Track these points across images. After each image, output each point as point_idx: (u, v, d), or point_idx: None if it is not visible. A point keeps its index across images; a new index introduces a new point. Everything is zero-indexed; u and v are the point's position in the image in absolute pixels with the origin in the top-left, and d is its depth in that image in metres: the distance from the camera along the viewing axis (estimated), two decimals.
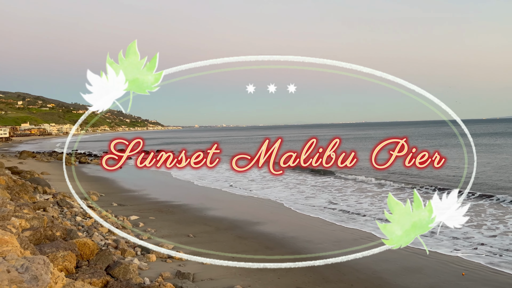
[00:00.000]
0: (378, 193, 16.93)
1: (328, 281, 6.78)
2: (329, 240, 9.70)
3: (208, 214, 12.60)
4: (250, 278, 6.79)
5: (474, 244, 9.25)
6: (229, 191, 18.17)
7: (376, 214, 12.82)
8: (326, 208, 13.91)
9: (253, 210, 13.78)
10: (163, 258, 7.56)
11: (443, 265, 7.84)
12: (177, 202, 14.55)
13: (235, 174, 23.53)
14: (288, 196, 16.51)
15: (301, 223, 11.69)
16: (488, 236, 9.91)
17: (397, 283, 6.87)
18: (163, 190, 17.80)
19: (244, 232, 10.36)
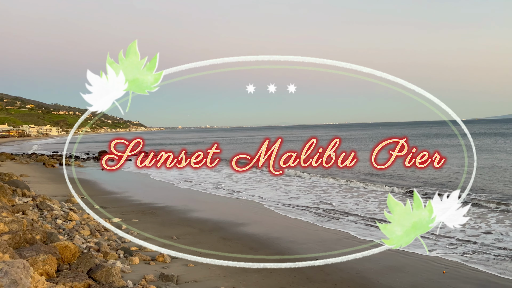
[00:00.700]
0: (364, 193, 17.13)
1: (312, 281, 6.82)
2: (313, 240, 9.77)
3: (191, 215, 12.53)
4: (234, 279, 6.78)
5: (454, 243, 9.45)
6: (213, 192, 18.11)
7: (361, 214, 12.97)
8: (310, 208, 14.00)
9: (238, 211, 13.77)
10: (146, 260, 7.48)
11: (425, 263, 7.98)
12: (160, 204, 14.42)
13: (220, 175, 23.47)
14: (272, 197, 16.55)
15: (285, 224, 11.73)
16: (470, 235, 10.13)
17: (380, 282, 6.96)
18: (145, 192, 17.62)
19: (228, 233, 10.34)
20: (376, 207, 14.19)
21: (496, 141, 52.00)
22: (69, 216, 10.22)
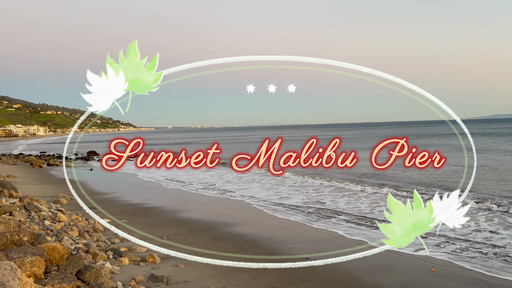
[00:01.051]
0: (355, 193, 17.22)
1: (302, 281, 6.83)
2: (303, 240, 9.79)
3: (182, 216, 12.47)
4: (225, 279, 6.76)
5: (443, 242, 9.56)
6: (203, 192, 18.05)
7: (352, 213, 13.04)
8: (301, 208, 14.04)
9: (228, 211, 13.74)
10: (136, 261, 7.42)
11: (414, 262, 8.06)
12: (150, 205, 14.33)
13: (211, 175, 23.41)
14: (264, 196, 16.56)
15: (276, 224, 11.74)
16: (459, 234, 10.25)
17: (370, 281, 7.01)
18: (135, 192, 17.48)
19: (219, 233, 10.32)
20: (367, 206, 14.29)
21: (483, 141, 52.66)
22: (57, 217, 10.09)
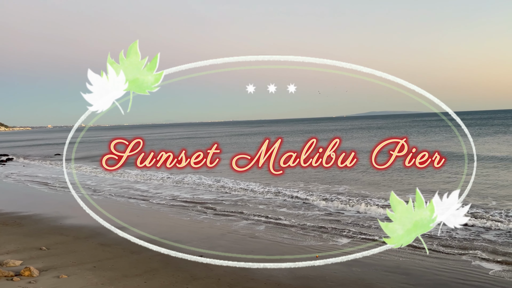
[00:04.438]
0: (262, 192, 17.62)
1: (196, 278, 6.79)
2: (198, 238, 9.76)
3: (64, 223, 11.43)
4: (114, 286, 6.38)
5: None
6: (91, 195, 16.82)
7: (250, 212, 13.38)
8: (196, 205, 13.98)
9: (119, 214, 13.01)
10: (8, 276, 6.60)
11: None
12: (26, 213, 12.83)
13: (112, 177, 21.87)
14: (156, 195, 16.09)
15: (170, 224, 11.49)
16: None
17: (261, 271, 7.26)
18: (7, 199, 15.51)
19: (107, 239, 9.69)
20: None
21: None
22: None
